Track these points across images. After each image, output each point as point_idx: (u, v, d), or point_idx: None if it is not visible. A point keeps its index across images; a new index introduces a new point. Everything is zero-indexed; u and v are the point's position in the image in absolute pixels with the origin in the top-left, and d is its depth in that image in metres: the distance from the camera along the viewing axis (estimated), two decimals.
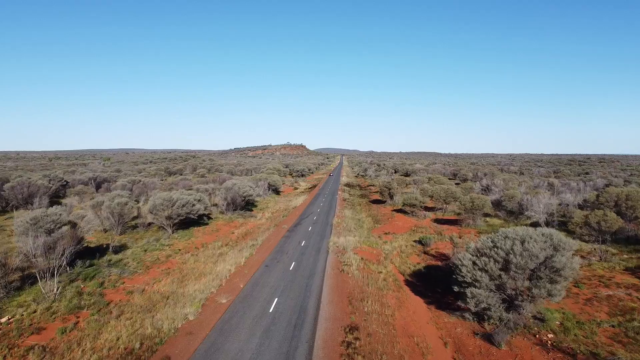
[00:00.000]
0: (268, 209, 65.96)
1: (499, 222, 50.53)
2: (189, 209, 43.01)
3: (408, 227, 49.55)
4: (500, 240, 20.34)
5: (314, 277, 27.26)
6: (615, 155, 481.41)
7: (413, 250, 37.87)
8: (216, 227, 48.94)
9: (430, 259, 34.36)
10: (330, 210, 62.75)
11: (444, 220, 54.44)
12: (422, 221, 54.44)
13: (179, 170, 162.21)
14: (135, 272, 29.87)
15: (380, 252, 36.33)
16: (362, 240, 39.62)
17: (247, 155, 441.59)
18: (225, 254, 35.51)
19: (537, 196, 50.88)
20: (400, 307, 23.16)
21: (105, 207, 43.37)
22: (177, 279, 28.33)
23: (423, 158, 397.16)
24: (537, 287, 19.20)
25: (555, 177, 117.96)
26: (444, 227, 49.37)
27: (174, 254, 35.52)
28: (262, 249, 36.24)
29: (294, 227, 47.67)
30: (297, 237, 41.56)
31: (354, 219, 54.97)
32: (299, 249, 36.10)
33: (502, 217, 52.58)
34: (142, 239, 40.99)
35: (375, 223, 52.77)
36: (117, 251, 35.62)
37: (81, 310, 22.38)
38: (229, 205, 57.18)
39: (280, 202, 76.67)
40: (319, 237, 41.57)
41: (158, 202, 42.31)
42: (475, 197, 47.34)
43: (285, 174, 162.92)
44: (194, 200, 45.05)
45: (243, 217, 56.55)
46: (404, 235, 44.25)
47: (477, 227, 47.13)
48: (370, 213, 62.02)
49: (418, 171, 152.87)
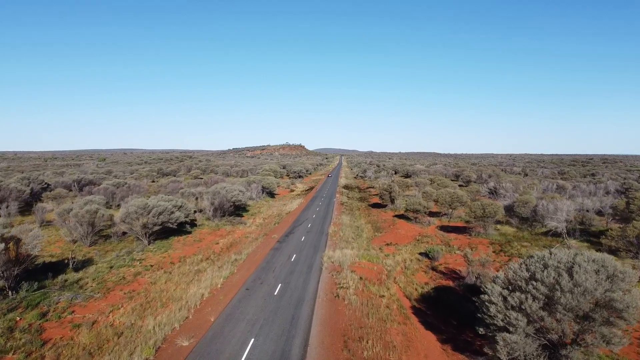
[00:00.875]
0: (260, 214, 61.28)
1: (512, 231, 45.92)
2: (166, 217, 38.30)
3: (412, 236, 44.92)
4: (539, 270, 15.69)
5: (303, 306, 22.54)
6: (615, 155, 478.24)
7: (419, 265, 33.22)
8: (200, 236, 44.24)
9: (440, 278, 29.71)
10: (326, 215, 58.09)
11: (450, 228, 49.82)
12: (427, 229, 49.81)
13: (173, 171, 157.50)
14: (91, 296, 25.15)
15: (381, 268, 31.66)
16: (360, 254, 34.94)
17: (245, 156, 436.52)
18: (203, 271, 30.81)
19: (553, 201, 46.28)
20: (408, 348, 18.49)
21: (72, 215, 38.67)
22: (139, 305, 23.62)
23: (423, 158, 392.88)
24: (591, 333, 14.57)
25: (562, 179, 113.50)
26: (452, 236, 44.75)
27: (144, 270, 30.80)
28: (245, 266, 31.53)
29: (286, 236, 42.96)
30: (287, 249, 36.87)
31: (352, 226, 50.30)
32: (288, 265, 31.38)
33: (515, 224, 47.96)
34: (113, 252, 36.32)
35: (376, 231, 48.09)
36: (79, 268, 30.90)
37: (5, 355, 17.69)
38: (216, 211, 52.48)
39: (274, 206, 71.98)
40: (312, 249, 36.87)
41: (131, 209, 37.62)
42: (487, 203, 42.71)
43: (282, 175, 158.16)
44: (173, 208, 40.36)
45: (231, 224, 51.85)
46: (407, 247, 39.61)
47: (488, 237, 42.51)
48: (369, 219, 57.36)
49: (419, 172, 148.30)
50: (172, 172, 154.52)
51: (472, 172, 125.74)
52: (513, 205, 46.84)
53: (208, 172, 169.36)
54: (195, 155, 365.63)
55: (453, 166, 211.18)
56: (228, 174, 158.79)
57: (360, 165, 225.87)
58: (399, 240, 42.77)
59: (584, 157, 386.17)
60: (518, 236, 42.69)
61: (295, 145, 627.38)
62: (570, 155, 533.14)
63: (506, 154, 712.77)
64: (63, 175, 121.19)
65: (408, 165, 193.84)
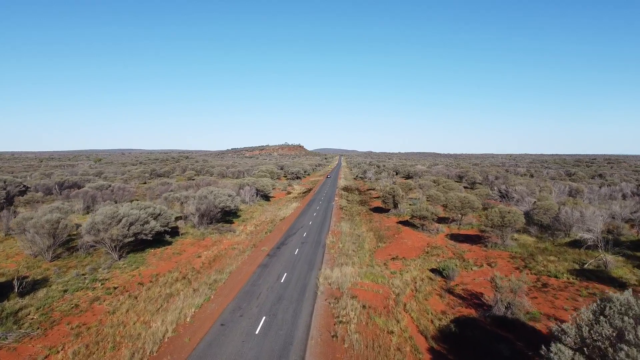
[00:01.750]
0: (252, 220, 56.23)
1: (531, 241, 40.94)
2: (138, 227, 33.22)
3: (419, 248, 39.92)
4: (629, 327, 10.69)
5: (290, 354, 17.47)
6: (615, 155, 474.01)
7: (432, 286, 28.20)
8: (181, 247, 39.18)
9: (459, 304, 24.71)
10: (324, 222, 53.06)
11: (461, 237, 44.85)
12: (435, 238, 44.82)
13: (166, 172, 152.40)
14: (27, 333, 20.10)
15: (388, 291, 26.65)
16: (363, 272, 29.93)
17: (244, 156, 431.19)
18: (175, 294, 25.77)
19: (577, 207, 41.31)
20: None
21: (31, 226, 33.61)
22: (85, 348, 18.58)
23: (423, 158, 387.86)
24: None
25: (571, 180, 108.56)
26: (464, 247, 39.77)
27: (104, 295, 25.76)
28: (225, 289, 26.45)
29: (277, 249, 37.90)
30: (277, 265, 31.80)
31: (352, 235, 45.27)
32: (276, 288, 26.32)
33: (535, 233, 42.97)
34: (76, 268, 31.26)
35: (379, 241, 43.04)
36: (28, 291, 25.85)
37: None
38: (202, 218, 47.41)
39: (268, 210, 66.91)
40: (306, 265, 31.81)
41: (98, 219, 32.55)
42: (505, 210, 37.70)
43: (279, 176, 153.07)
44: (148, 216, 35.29)
45: (219, 232, 46.79)
46: (416, 261, 34.58)
47: (507, 249, 37.50)
48: (371, 226, 52.33)
49: (420, 173, 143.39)
50: (165, 173, 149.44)
51: (477, 173, 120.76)
52: (532, 212, 41.83)
53: (203, 172, 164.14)
54: (193, 156, 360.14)
55: (455, 167, 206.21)
56: (224, 174, 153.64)
57: (360, 166, 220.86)
58: (405, 252, 37.75)
59: (586, 157, 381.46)
60: (540, 248, 37.71)
61: (294, 145, 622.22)
62: (571, 155, 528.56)
63: (506, 154, 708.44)
64: (51, 177, 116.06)
65: (409, 166, 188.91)
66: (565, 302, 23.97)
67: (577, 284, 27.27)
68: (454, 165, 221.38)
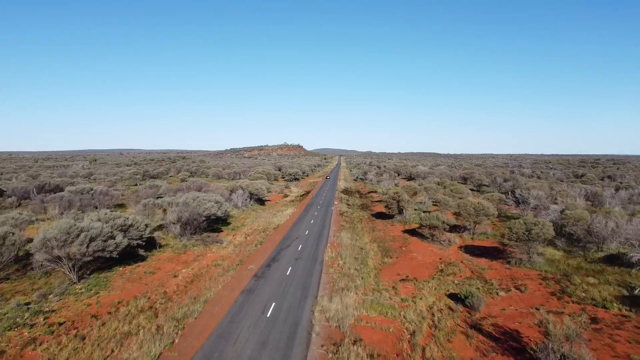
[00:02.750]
0: (243, 229, 50.91)
1: (560, 256, 35.70)
2: (99, 244, 27.87)
3: (431, 264, 34.65)
4: None
5: None
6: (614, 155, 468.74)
7: (453, 319, 22.91)
8: (156, 264, 33.85)
9: (492, 348, 19.41)
10: (322, 231, 47.74)
11: (477, 249, 39.65)
12: (448, 251, 39.59)
13: (160, 173, 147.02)
14: None
15: (400, 328, 21.37)
16: (368, 301, 24.63)
17: (242, 156, 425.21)
18: (133, 334, 20.45)
19: (611, 216, 36.06)
20: None
21: None
22: None
23: (423, 159, 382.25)
24: None
25: (581, 182, 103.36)
26: (483, 263, 34.52)
27: (44, 334, 20.44)
28: (196, 328, 21.10)
29: (267, 266, 32.51)
30: (265, 291, 26.42)
31: (354, 247, 39.96)
32: (260, 327, 20.95)
33: (562, 246, 37.72)
34: (24, 294, 25.97)
35: (385, 255, 37.73)
36: None
37: None
38: (185, 228, 42.06)
39: (261, 216, 61.57)
40: (299, 291, 26.44)
41: (51, 234, 27.18)
42: (531, 221, 32.43)
43: (277, 177, 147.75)
44: (115, 230, 29.97)
45: (204, 244, 41.47)
46: (430, 283, 29.30)
47: (534, 266, 32.24)
48: (375, 236, 47.02)
49: (423, 174, 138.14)
50: (159, 175, 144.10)
51: (483, 174, 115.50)
52: (560, 222, 36.58)
53: (199, 174, 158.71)
54: (190, 156, 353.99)
55: (458, 167, 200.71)
56: (219, 176, 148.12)
57: (360, 167, 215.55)
58: (416, 271, 32.44)
59: (588, 157, 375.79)
60: (572, 265, 32.44)
61: (294, 145, 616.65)
62: (571, 156, 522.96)
63: (506, 154, 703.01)
64: (37, 178, 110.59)
65: (410, 167, 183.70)
66: (628, 347, 18.74)
67: (633, 318, 22.04)
68: (457, 166, 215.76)
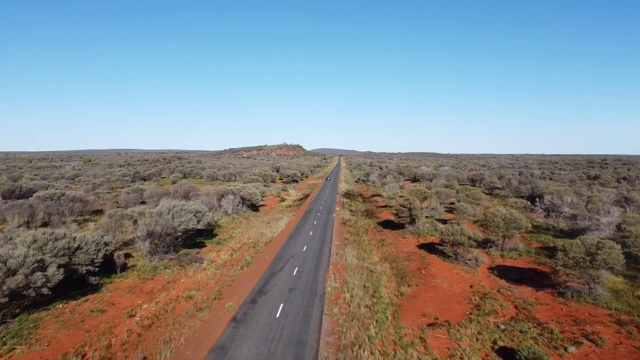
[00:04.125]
0: (230, 242, 43.58)
1: (622, 283, 28.43)
2: (20, 279, 20.50)
3: (462, 296, 27.30)
4: None
5: None
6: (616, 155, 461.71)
7: None
8: (111, 296, 26.47)
9: None
10: (322, 247, 40.38)
11: (511, 272, 32.40)
12: (477, 274, 32.29)
13: (151, 174, 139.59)
14: None
15: None
16: None
17: (241, 156, 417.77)
18: None
19: None
20: None
21: None
22: None
23: (424, 159, 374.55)
24: None
25: (600, 184, 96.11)
26: (525, 294, 27.22)
27: None
28: None
29: (251, 303, 25.04)
30: (242, 351, 18.94)
31: (361, 270, 32.58)
32: None
33: (620, 270, 30.41)
34: None
35: (401, 282, 30.37)
36: None
37: None
38: (156, 245, 34.66)
39: (253, 225, 54.23)
40: (292, 348, 18.98)
41: None
42: (593, 243, 25.09)
43: (274, 179, 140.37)
44: (50, 257, 22.62)
45: (179, 264, 34.15)
46: (467, 328, 21.95)
47: (597, 301, 24.94)
48: (385, 252, 39.69)
49: (428, 175, 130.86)
50: (149, 176, 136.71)
51: (494, 176, 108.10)
52: (624, 241, 29.25)
53: (193, 175, 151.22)
54: (188, 156, 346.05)
55: (463, 168, 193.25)
56: (214, 177, 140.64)
57: (361, 167, 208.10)
58: (445, 308, 25.05)
59: (592, 157, 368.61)
60: None
61: (293, 145, 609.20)
62: (573, 155, 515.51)
63: (507, 154, 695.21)
64: (19, 180, 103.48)
65: (413, 168, 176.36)
66: None
67: None
68: (461, 167, 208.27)
